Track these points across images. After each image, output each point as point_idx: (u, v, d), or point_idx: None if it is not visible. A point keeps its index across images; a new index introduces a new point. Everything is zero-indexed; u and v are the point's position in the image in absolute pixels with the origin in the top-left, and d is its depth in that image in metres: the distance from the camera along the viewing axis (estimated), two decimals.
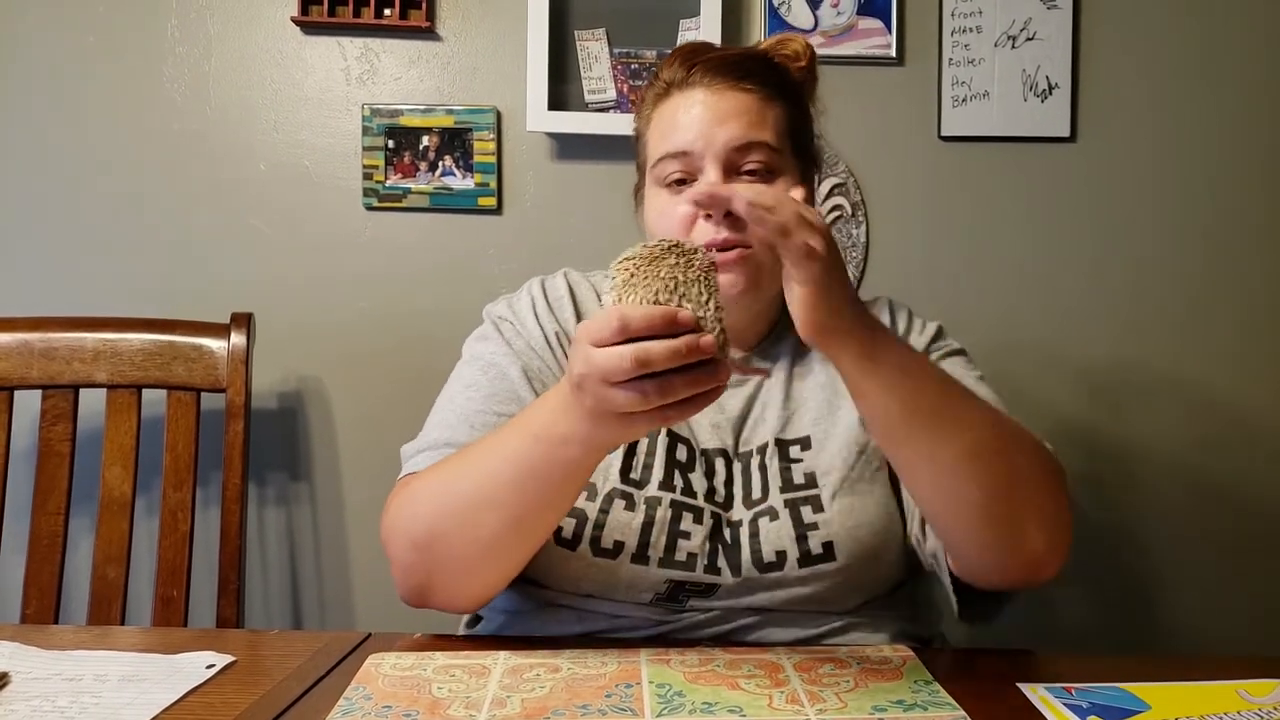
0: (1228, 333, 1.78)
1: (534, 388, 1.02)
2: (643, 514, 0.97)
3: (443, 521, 0.89)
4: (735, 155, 0.99)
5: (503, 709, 0.76)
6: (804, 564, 0.97)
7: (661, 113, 1.04)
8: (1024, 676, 0.83)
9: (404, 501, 0.94)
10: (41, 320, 1.50)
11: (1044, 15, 1.74)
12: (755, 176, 1.00)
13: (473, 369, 1.05)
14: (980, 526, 0.87)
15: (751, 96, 1.01)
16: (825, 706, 0.77)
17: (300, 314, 1.75)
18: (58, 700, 0.77)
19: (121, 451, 1.46)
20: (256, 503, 1.76)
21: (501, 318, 1.08)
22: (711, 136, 0.99)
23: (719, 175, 0.99)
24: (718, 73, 1.02)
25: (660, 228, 1.01)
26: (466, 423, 0.99)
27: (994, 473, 0.85)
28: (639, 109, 1.10)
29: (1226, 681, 0.83)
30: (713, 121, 0.99)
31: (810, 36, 1.74)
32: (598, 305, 1.09)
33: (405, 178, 1.74)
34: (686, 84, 1.03)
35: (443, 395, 1.06)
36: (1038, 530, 0.87)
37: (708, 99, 1.01)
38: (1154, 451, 1.78)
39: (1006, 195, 1.77)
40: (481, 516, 0.86)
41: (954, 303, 1.77)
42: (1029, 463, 0.88)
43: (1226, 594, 1.79)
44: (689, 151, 1.00)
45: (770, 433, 1.04)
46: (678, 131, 1.01)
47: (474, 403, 1.01)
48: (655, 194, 1.04)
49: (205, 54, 1.74)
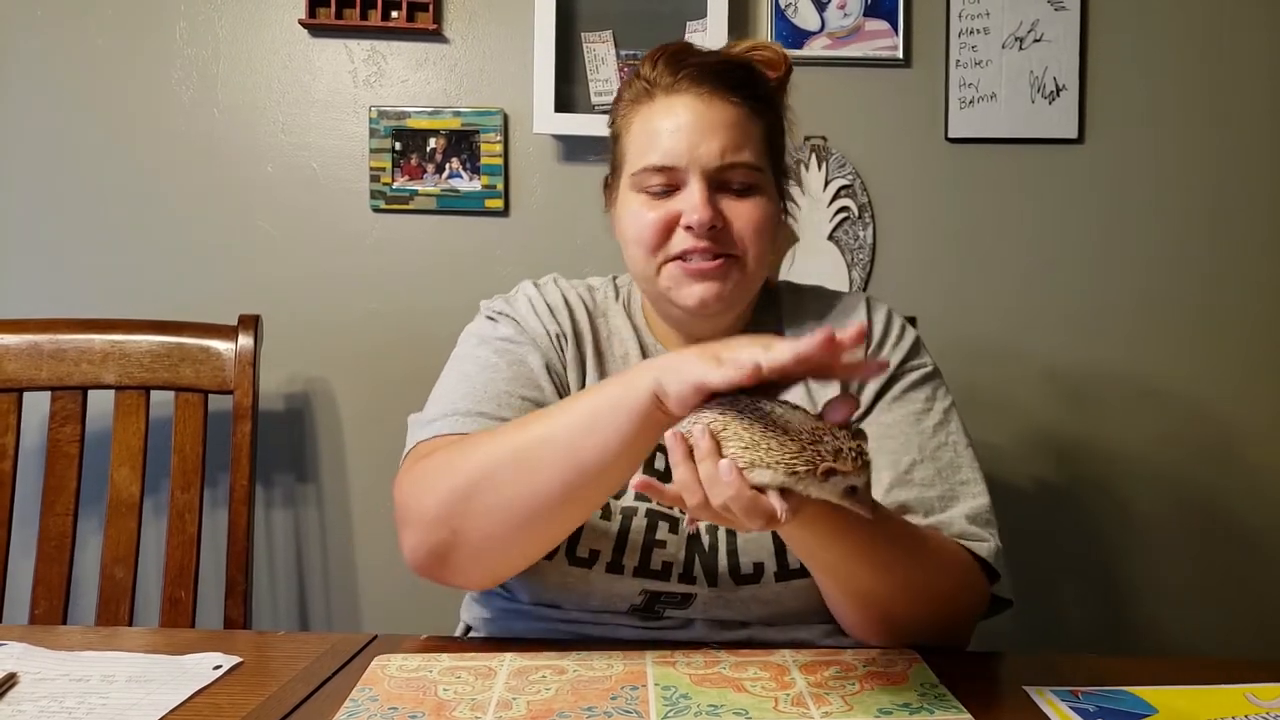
0: (1236, 334, 1.77)
1: (554, 379, 1.01)
2: (618, 523, 0.97)
3: (487, 477, 0.85)
4: (720, 173, 0.97)
5: (508, 711, 0.76)
6: (781, 578, 0.97)
7: (644, 117, 1.00)
8: (1030, 680, 0.83)
9: (439, 460, 0.89)
10: (50, 322, 1.50)
11: (1051, 17, 1.74)
12: (734, 194, 0.98)
13: (486, 351, 1.02)
14: (855, 629, 0.93)
15: (738, 110, 0.98)
16: (831, 709, 0.76)
17: (307, 315, 1.75)
18: (65, 701, 0.78)
19: (129, 452, 1.47)
20: (264, 504, 1.76)
21: (502, 313, 1.06)
22: (697, 152, 0.96)
23: (703, 188, 0.96)
24: (705, 80, 0.98)
25: (635, 232, 0.99)
26: (494, 400, 0.96)
27: (879, 609, 0.89)
28: (616, 105, 1.05)
29: (1233, 685, 0.82)
30: (699, 135, 0.96)
31: (817, 38, 1.74)
32: (585, 311, 1.08)
33: (412, 180, 1.74)
34: (672, 89, 0.98)
35: (451, 374, 1.02)
36: (915, 638, 0.91)
37: (695, 106, 0.97)
38: (1160, 452, 1.78)
39: (1014, 197, 1.77)
40: (532, 472, 0.83)
41: (960, 304, 1.77)
42: (922, 606, 0.90)
43: (1229, 597, 1.78)
44: (674, 167, 0.97)
45: None
46: (662, 142, 0.97)
47: (498, 384, 0.98)
48: (632, 198, 1.00)
49: (213, 56, 1.75)
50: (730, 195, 0.98)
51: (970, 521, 0.95)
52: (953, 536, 0.94)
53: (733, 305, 1.01)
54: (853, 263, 1.76)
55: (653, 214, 0.98)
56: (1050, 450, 1.78)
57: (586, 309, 1.08)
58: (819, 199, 1.76)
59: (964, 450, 1.01)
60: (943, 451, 1.00)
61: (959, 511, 0.96)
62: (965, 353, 1.74)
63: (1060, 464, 1.78)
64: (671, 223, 0.97)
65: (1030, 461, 1.78)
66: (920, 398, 1.03)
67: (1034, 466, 1.78)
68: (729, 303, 0.99)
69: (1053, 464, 1.78)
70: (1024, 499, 1.78)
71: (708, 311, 0.99)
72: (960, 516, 0.95)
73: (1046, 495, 1.78)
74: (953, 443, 1.01)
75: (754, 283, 1.01)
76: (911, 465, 0.97)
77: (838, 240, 1.76)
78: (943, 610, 0.91)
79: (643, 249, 0.99)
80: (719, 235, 0.96)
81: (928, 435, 1.00)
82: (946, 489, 0.97)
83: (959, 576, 0.92)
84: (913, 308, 1.55)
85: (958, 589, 0.92)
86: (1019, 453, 1.78)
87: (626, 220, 1.00)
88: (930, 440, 1.00)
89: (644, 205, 0.99)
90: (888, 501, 0.95)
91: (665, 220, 0.97)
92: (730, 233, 0.97)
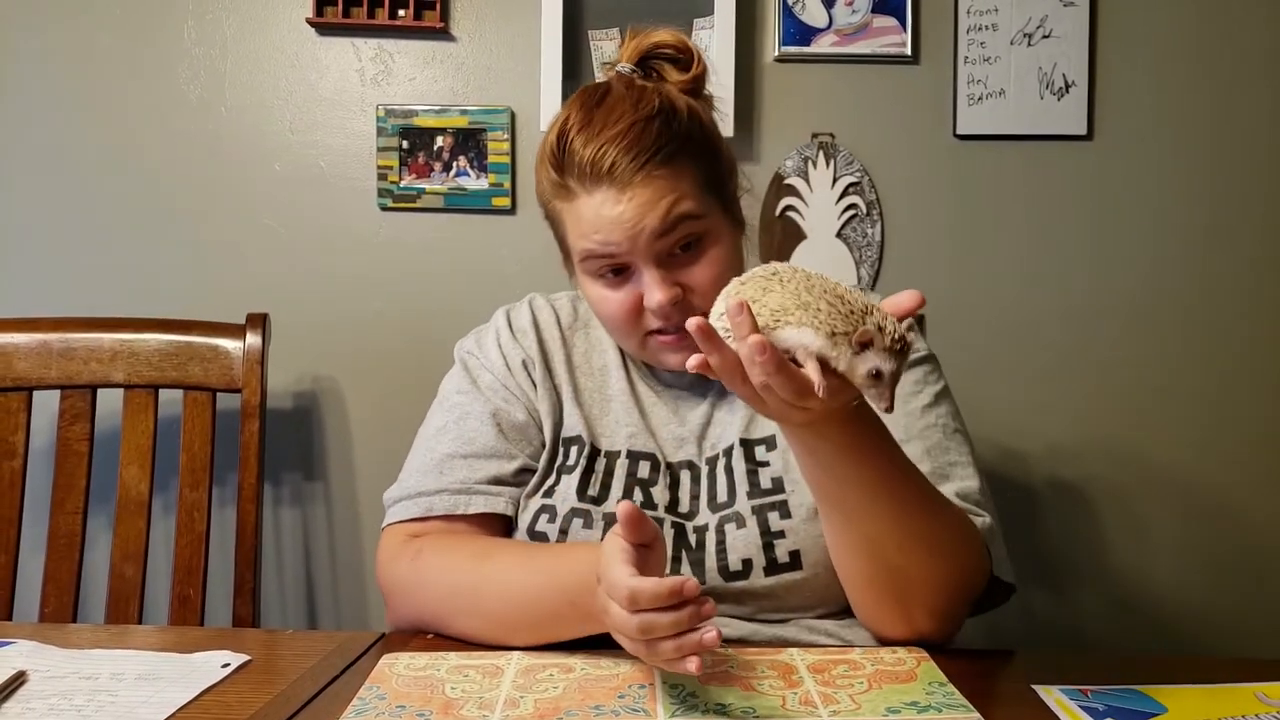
0: (1247, 332, 1.76)
1: (501, 427, 1.05)
2: (601, 530, 0.98)
3: (450, 614, 0.95)
4: (662, 243, 0.96)
5: (516, 709, 0.76)
6: (770, 572, 0.97)
7: (570, 211, 0.99)
8: (1039, 678, 0.83)
9: (407, 578, 0.99)
10: (60, 321, 1.51)
11: (1060, 12, 1.73)
12: (687, 251, 0.97)
13: (443, 411, 1.09)
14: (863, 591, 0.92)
15: (661, 179, 0.95)
16: (839, 708, 0.76)
17: (315, 314, 1.76)
18: (74, 698, 0.78)
19: (139, 451, 1.47)
20: (272, 502, 1.76)
21: (470, 353, 1.12)
22: (636, 238, 0.95)
23: (654, 272, 0.96)
24: (616, 166, 0.94)
25: (605, 316, 1.02)
26: (437, 469, 1.04)
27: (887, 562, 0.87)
28: (539, 181, 1.03)
29: (1243, 684, 0.82)
30: (631, 222, 0.94)
31: (825, 35, 1.73)
32: (556, 330, 1.11)
33: (419, 178, 1.74)
34: (589, 185, 0.96)
35: (420, 434, 1.10)
36: (924, 617, 0.90)
37: (618, 198, 0.94)
38: (1170, 450, 1.77)
39: (1022, 194, 1.76)
40: (491, 617, 0.92)
41: (968, 301, 1.76)
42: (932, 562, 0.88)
43: (1238, 596, 1.77)
44: (613, 253, 0.96)
45: (735, 434, 1.04)
46: (598, 232, 0.96)
47: (444, 445, 1.05)
48: (589, 281, 1.01)
49: (221, 55, 1.75)
50: (682, 260, 0.98)
51: (961, 499, 0.95)
52: None
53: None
54: (861, 260, 1.75)
55: (615, 299, 0.99)
56: (1060, 448, 1.78)
57: (560, 326, 1.12)
58: (827, 196, 1.75)
59: (953, 434, 1.01)
60: (930, 432, 0.99)
61: (948, 490, 0.94)
62: (973, 349, 1.73)
63: (1070, 462, 1.78)
64: (636, 307, 0.99)
65: (1039, 459, 1.78)
66: (910, 380, 1.03)
67: (1043, 464, 1.78)
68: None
69: (1062, 462, 1.78)
70: (1032, 496, 1.77)
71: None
72: (951, 493, 0.94)
73: (1054, 493, 1.78)
74: (941, 425, 1.01)
75: None
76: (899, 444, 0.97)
77: (846, 237, 1.76)
78: (950, 571, 0.89)
79: (618, 331, 1.03)
80: (686, 304, 0.97)
81: (915, 416, 1.00)
82: (934, 467, 0.97)
83: (966, 537, 0.90)
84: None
85: (965, 550, 0.90)
86: (1028, 450, 1.78)
87: (595, 303, 1.03)
88: (918, 421, 1.00)
89: (605, 288, 1.00)
90: None
91: (630, 307, 0.99)
92: (693, 295, 0.98)
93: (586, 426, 1.06)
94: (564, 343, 1.10)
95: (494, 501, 1.02)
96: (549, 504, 1.02)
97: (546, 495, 1.03)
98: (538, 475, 1.05)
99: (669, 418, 1.07)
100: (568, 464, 1.04)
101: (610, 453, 1.04)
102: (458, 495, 1.02)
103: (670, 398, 1.08)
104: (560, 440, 1.06)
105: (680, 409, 1.07)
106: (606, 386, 1.09)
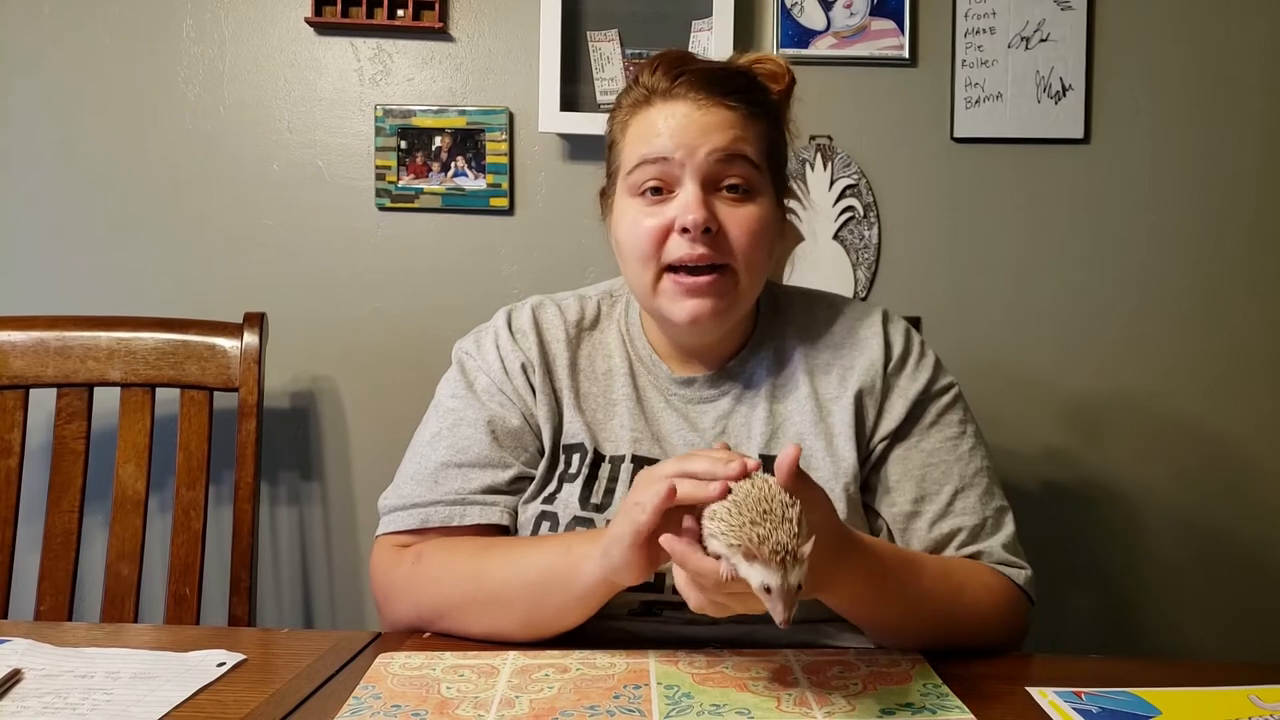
0: (1244, 335, 1.77)
1: (496, 435, 1.04)
2: None
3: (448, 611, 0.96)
4: (716, 168, 0.96)
5: (511, 709, 0.76)
6: None
7: (640, 120, 1.00)
8: (1033, 680, 0.83)
9: (403, 581, 1.00)
10: (56, 319, 1.51)
11: (1058, 16, 1.74)
12: (734, 194, 0.97)
13: (437, 416, 1.08)
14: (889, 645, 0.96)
15: (735, 113, 0.97)
16: (833, 709, 0.76)
17: (313, 314, 1.76)
18: (70, 697, 0.78)
19: (135, 450, 1.47)
20: (268, 501, 1.76)
21: (468, 354, 1.10)
22: (693, 147, 0.96)
23: (697, 189, 0.96)
24: (703, 86, 0.97)
25: (631, 240, 0.99)
26: (432, 478, 1.04)
27: (927, 633, 0.93)
28: (614, 114, 1.05)
29: (1238, 687, 0.82)
30: (696, 133, 0.96)
31: (823, 37, 1.74)
32: (560, 332, 1.09)
33: (418, 178, 1.74)
34: (670, 94, 0.98)
35: (414, 440, 1.09)
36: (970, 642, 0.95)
37: (691, 111, 0.97)
38: (1168, 454, 1.77)
39: (1019, 197, 1.77)
40: (490, 615, 0.94)
41: (965, 304, 1.76)
42: (956, 635, 0.94)
43: (1233, 600, 1.78)
44: (668, 158, 0.96)
45: (755, 450, 1.03)
46: (658, 137, 0.97)
47: (438, 454, 1.04)
48: (627, 203, 1.00)
49: (220, 54, 1.75)
50: (727, 200, 0.97)
51: (1007, 550, 1.00)
52: (993, 565, 0.99)
53: (725, 320, 1.01)
54: (858, 262, 1.75)
55: (646, 223, 0.97)
56: (1057, 451, 1.78)
57: (565, 329, 1.09)
58: (824, 198, 1.75)
59: (993, 474, 1.05)
60: (979, 478, 1.03)
61: (997, 541, 1.00)
62: (971, 352, 1.73)
63: (1066, 465, 1.78)
64: (667, 229, 0.97)
65: (1036, 462, 1.78)
66: (954, 420, 1.05)
67: (1040, 467, 1.78)
68: (721, 319, 1.00)
69: (1059, 465, 1.78)
70: (1028, 500, 1.77)
71: (700, 327, 0.99)
72: (998, 545, 1.00)
73: (1051, 496, 1.78)
74: (986, 468, 1.04)
75: (749, 295, 1.01)
76: (954, 495, 1.01)
77: (843, 240, 1.76)
78: (977, 637, 0.94)
79: (638, 257, 0.99)
80: (714, 241, 0.96)
81: (965, 462, 1.03)
82: (987, 516, 1.01)
83: (995, 604, 0.96)
84: (917, 308, 1.55)
85: (994, 617, 0.96)
86: (1025, 453, 1.78)
87: (623, 228, 1.01)
88: (968, 467, 1.03)
89: (639, 212, 0.98)
90: (933, 533, 0.99)
91: (659, 230, 0.97)
92: (725, 239, 0.97)
93: (589, 432, 1.04)
94: (568, 345, 1.08)
95: (489, 512, 1.02)
96: (551, 510, 1.01)
97: (548, 502, 1.02)
98: (537, 481, 1.03)
99: (679, 424, 1.05)
100: (569, 472, 1.03)
101: (614, 458, 1.03)
102: (453, 507, 1.02)
103: (680, 403, 1.06)
104: (561, 447, 1.05)
105: (690, 415, 1.06)
106: (611, 391, 1.07)
